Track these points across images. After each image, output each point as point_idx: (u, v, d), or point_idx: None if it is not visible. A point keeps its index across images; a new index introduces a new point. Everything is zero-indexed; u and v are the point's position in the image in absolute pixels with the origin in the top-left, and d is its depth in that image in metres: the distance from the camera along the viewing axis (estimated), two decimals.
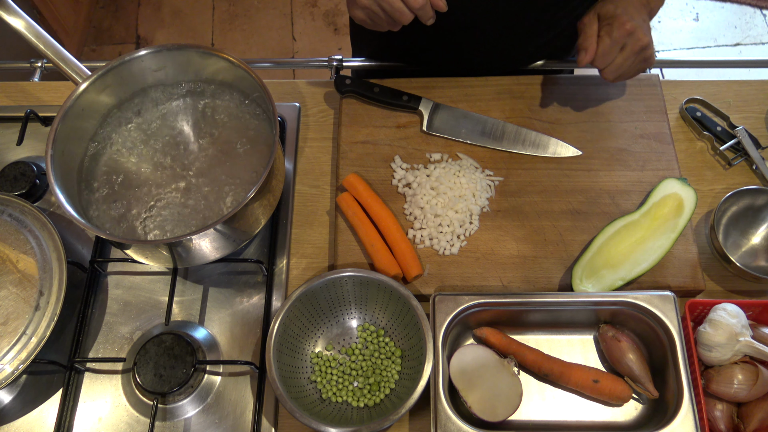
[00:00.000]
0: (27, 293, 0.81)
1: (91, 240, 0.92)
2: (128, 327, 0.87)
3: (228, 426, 0.81)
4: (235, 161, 0.86)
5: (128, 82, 0.87)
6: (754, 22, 2.54)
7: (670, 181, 0.89)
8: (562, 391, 0.81)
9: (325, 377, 0.82)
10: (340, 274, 0.81)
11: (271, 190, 0.82)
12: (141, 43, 2.51)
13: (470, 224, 0.89)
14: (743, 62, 1.16)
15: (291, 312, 0.80)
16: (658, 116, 0.98)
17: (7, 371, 0.77)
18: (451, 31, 0.97)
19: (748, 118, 1.00)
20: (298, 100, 1.04)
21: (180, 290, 0.89)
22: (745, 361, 0.76)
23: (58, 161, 0.78)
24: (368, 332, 0.84)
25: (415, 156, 0.95)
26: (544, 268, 0.87)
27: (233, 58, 0.83)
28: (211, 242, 0.78)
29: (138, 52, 0.85)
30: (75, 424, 0.81)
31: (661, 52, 2.48)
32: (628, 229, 0.87)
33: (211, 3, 2.60)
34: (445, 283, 0.86)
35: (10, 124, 1.02)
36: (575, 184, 0.93)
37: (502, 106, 0.99)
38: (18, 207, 0.86)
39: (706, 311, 0.80)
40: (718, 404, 0.77)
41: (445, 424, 0.73)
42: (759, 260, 0.89)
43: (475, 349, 0.80)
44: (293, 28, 2.52)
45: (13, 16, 0.81)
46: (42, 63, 1.12)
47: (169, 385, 0.78)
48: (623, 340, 0.79)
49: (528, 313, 0.82)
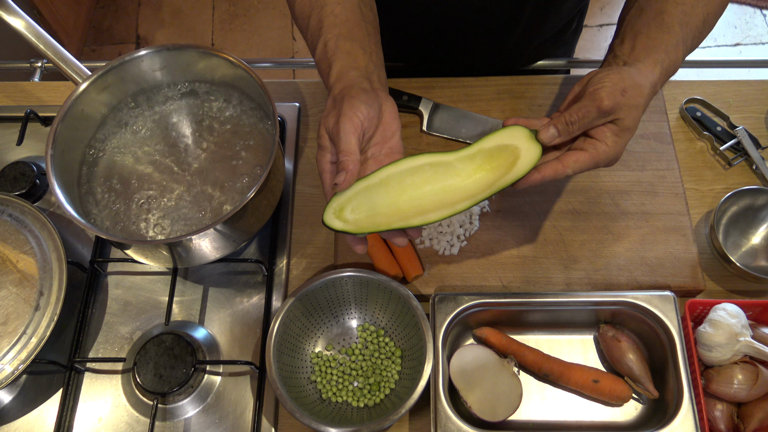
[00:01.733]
0: (27, 293, 0.81)
1: (91, 240, 0.92)
2: (128, 327, 0.87)
3: (228, 426, 0.81)
4: (235, 161, 0.86)
5: (128, 82, 0.87)
6: (754, 22, 2.54)
7: (513, 129, 0.67)
8: (562, 391, 0.81)
9: (325, 377, 0.82)
10: (340, 274, 0.81)
11: (271, 190, 0.82)
12: (141, 43, 2.51)
13: (470, 224, 0.90)
14: (743, 62, 1.16)
15: (291, 312, 0.80)
16: (658, 116, 0.98)
17: (7, 371, 0.77)
18: (444, 30, 0.97)
19: (748, 118, 1.00)
20: (298, 100, 1.04)
21: (180, 290, 0.89)
22: (745, 361, 0.76)
23: (58, 161, 0.78)
24: (368, 332, 0.84)
25: None
26: (544, 268, 0.87)
27: (233, 58, 0.83)
28: (211, 242, 0.78)
29: (138, 52, 0.85)
30: (75, 424, 0.81)
31: None
32: (436, 170, 0.67)
33: (211, 3, 2.60)
34: (445, 283, 0.86)
35: (10, 124, 1.02)
36: (575, 184, 0.93)
37: (502, 106, 0.99)
38: (18, 207, 0.86)
39: (706, 311, 0.80)
40: (718, 404, 0.77)
41: (445, 424, 0.74)
42: (759, 260, 0.89)
43: (475, 349, 0.80)
44: (293, 28, 2.52)
45: (13, 16, 0.81)
46: (42, 63, 1.12)
47: (169, 385, 0.78)
48: (623, 340, 0.79)
49: (528, 313, 0.82)
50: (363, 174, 0.67)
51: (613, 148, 0.65)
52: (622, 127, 0.65)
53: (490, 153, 0.68)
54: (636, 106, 0.64)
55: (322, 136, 0.67)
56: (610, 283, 0.86)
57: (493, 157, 0.68)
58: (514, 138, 0.67)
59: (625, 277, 0.86)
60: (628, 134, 0.65)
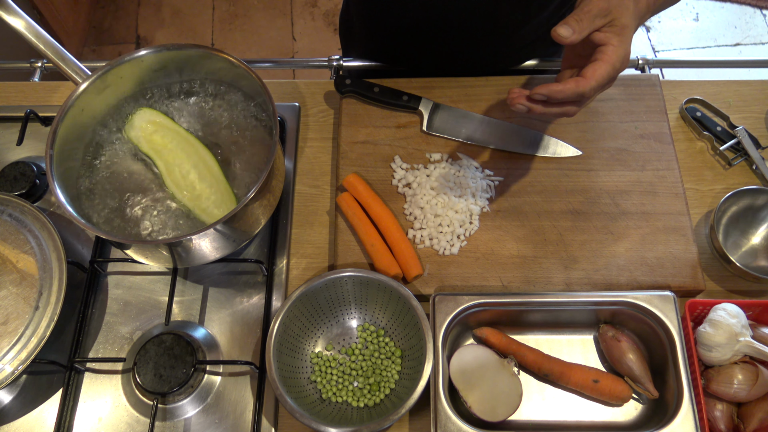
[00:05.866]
0: (27, 293, 0.81)
1: (91, 240, 0.92)
2: (128, 327, 0.87)
3: (228, 426, 0.81)
4: (234, 161, 0.86)
5: (128, 82, 0.87)
6: (754, 22, 2.54)
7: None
8: (562, 391, 0.81)
9: (325, 377, 0.82)
10: (340, 274, 0.81)
11: (271, 190, 0.82)
12: (141, 43, 2.51)
13: (470, 224, 0.90)
14: (743, 62, 1.16)
15: (291, 312, 0.80)
16: (658, 116, 0.98)
17: (7, 371, 0.77)
18: (433, 31, 0.98)
19: (748, 118, 1.00)
20: (298, 100, 1.04)
21: (180, 290, 0.89)
22: (745, 361, 0.77)
23: (58, 161, 0.78)
24: (368, 332, 0.84)
25: (415, 156, 0.95)
26: (544, 268, 0.87)
27: (233, 58, 0.83)
28: (211, 242, 0.78)
29: (138, 52, 0.85)
30: (75, 424, 0.81)
31: (661, 52, 2.48)
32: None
33: (211, 3, 2.60)
34: (445, 283, 0.86)
35: (10, 124, 1.02)
36: (575, 184, 0.93)
37: (502, 106, 0.99)
38: (18, 207, 0.86)
39: (706, 311, 0.80)
40: (718, 404, 0.77)
41: (445, 424, 0.74)
42: (759, 260, 0.89)
43: (475, 349, 0.80)
44: (293, 28, 2.52)
45: (13, 16, 0.81)
46: (42, 63, 1.12)
47: (169, 385, 0.78)
48: (623, 340, 0.79)
49: (528, 313, 0.82)
50: None
51: (621, 46, 0.69)
52: (620, 25, 0.69)
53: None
54: (626, 6, 0.69)
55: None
56: (610, 283, 0.86)
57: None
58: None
59: (625, 277, 0.86)
60: (627, 31, 0.70)
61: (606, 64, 0.68)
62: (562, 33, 0.68)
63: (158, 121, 0.86)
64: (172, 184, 0.83)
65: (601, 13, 0.68)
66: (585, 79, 0.68)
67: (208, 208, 0.81)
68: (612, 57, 0.69)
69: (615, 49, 0.69)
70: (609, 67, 0.68)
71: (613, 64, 0.69)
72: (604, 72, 0.68)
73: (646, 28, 2.52)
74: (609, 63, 0.68)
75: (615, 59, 0.69)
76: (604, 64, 0.68)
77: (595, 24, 0.69)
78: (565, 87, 0.68)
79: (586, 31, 0.69)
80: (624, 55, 0.70)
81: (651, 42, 2.50)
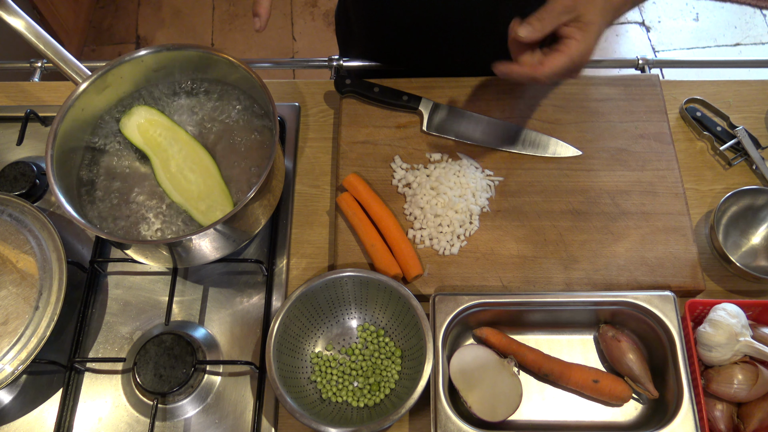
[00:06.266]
0: (27, 293, 0.81)
1: (91, 240, 0.92)
2: (128, 327, 0.87)
3: (228, 426, 0.81)
4: (234, 161, 0.86)
5: (128, 82, 0.87)
6: (754, 22, 2.54)
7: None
8: (562, 391, 0.81)
9: (325, 377, 0.82)
10: (340, 274, 0.81)
11: (271, 190, 0.82)
12: (141, 43, 2.51)
13: (470, 224, 0.89)
14: (743, 62, 1.16)
15: (291, 312, 0.80)
16: (658, 116, 0.98)
17: (7, 371, 0.77)
18: (433, 31, 0.98)
19: (748, 118, 1.00)
20: (298, 100, 1.04)
21: (180, 290, 0.89)
22: (745, 361, 0.76)
23: (58, 161, 0.78)
24: (368, 332, 0.84)
25: (415, 156, 0.95)
26: (544, 268, 0.87)
27: (233, 58, 0.83)
28: (211, 242, 0.78)
29: (138, 52, 0.85)
30: (75, 424, 0.81)
31: (661, 52, 2.48)
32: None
33: (211, 3, 2.60)
34: (445, 283, 0.86)
35: (10, 124, 1.02)
36: (575, 184, 0.93)
37: (502, 106, 0.99)
38: (18, 207, 0.86)
39: (706, 311, 0.80)
40: (718, 404, 0.77)
41: (445, 424, 0.74)
42: (759, 260, 0.89)
43: (475, 349, 0.80)
44: (293, 28, 2.52)
45: (13, 16, 0.81)
46: (42, 63, 1.12)
47: (169, 385, 0.78)
48: (623, 340, 0.79)
49: (528, 313, 0.82)
50: None
51: (583, 42, 0.73)
52: (585, 21, 0.72)
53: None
54: (593, 2, 0.72)
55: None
56: (610, 283, 0.86)
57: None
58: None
59: (625, 277, 0.86)
60: (593, 27, 0.73)
61: (565, 56, 0.73)
62: (522, 34, 0.73)
63: (155, 119, 0.86)
64: (165, 181, 0.83)
65: (566, 9, 0.72)
66: (542, 67, 0.73)
67: (202, 208, 0.81)
68: (572, 51, 0.73)
69: (577, 44, 0.73)
70: (567, 59, 0.73)
71: (572, 57, 0.73)
72: (562, 63, 0.73)
73: (646, 28, 2.52)
74: (568, 56, 0.72)
75: (575, 53, 0.73)
76: (563, 56, 0.73)
77: (560, 20, 0.72)
78: (522, 70, 0.74)
79: (548, 28, 0.73)
80: (585, 51, 0.73)
81: (651, 42, 2.50)
